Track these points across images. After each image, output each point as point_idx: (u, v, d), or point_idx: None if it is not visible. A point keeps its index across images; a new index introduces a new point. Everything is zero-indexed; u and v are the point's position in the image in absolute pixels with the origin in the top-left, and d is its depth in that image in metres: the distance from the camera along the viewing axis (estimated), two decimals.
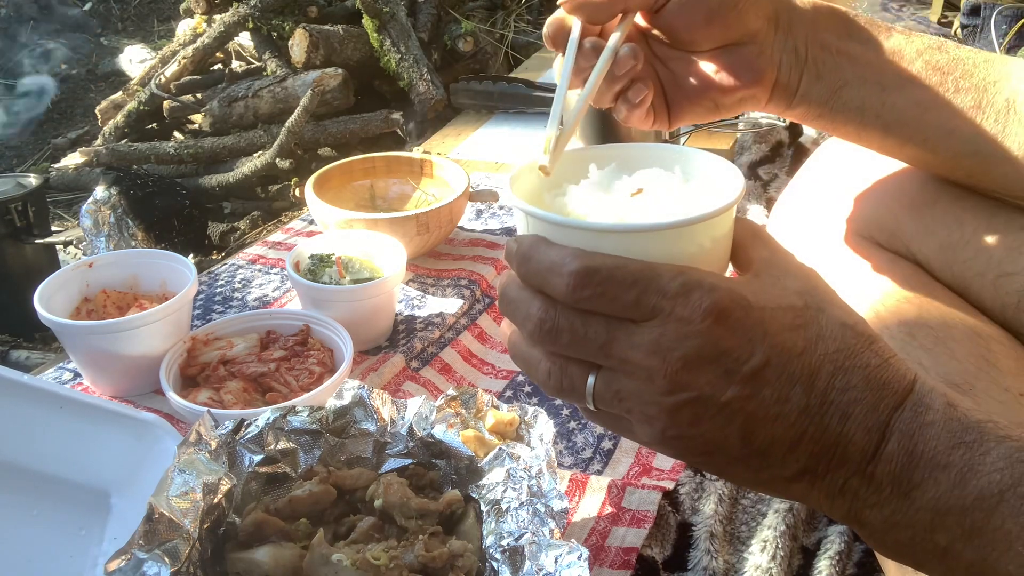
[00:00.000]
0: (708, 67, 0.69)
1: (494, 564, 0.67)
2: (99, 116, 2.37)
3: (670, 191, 0.55)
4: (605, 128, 1.35)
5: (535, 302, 0.51)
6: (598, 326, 0.49)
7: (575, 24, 0.65)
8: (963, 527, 0.45)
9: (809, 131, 1.50)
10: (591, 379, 0.51)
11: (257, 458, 0.75)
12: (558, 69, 0.65)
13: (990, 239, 0.73)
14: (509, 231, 1.36)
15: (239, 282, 1.25)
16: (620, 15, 0.66)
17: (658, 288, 0.48)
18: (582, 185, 0.57)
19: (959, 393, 0.65)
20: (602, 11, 0.65)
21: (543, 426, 0.78)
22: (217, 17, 2.25)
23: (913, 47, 0.71)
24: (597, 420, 0.55)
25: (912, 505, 0.47)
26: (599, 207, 0.55)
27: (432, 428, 0.78)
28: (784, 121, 1.44)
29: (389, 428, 0.79)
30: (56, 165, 2.54)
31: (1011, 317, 0.72)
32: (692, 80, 0.70)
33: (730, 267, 0.56)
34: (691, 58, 0.70)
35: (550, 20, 0.66)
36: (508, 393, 1.04)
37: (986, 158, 0.70)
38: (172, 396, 0.90)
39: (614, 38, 0.64)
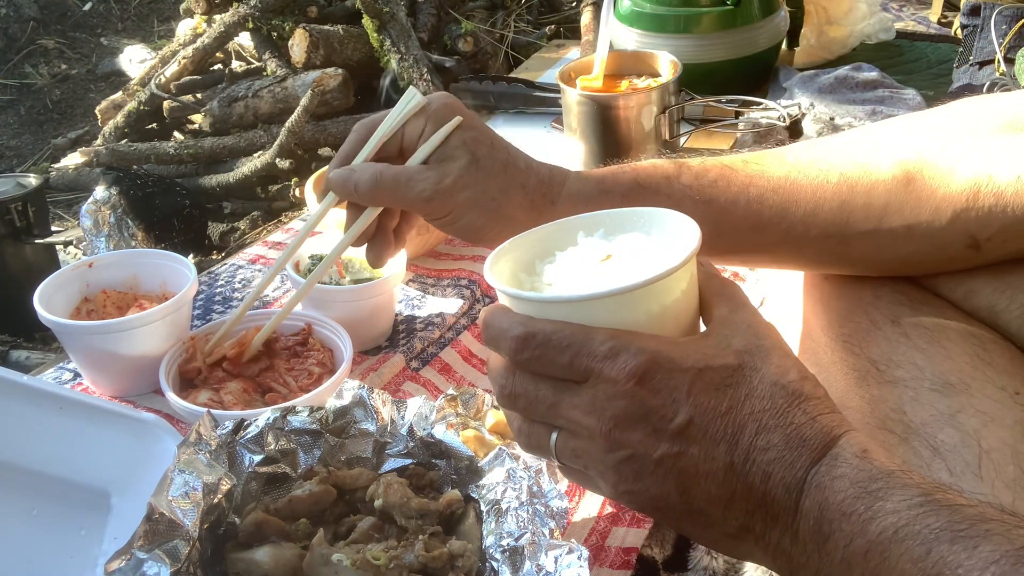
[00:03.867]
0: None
1: (494, 564, 0.67)
2: (99, 116, 2.37)
3: (637, 257, 0.58)
4: (604, 129, 1.35)
5: (500, 370, 0.56)
6: (547, 389, 0.53)
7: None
8: (867, 572, 0.46)
9: (809, 132, 1.50)
10: (553, 437, 0.54)
11: (257, 458, 0.75)
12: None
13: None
14: None
15: (239, 282, 1.25)
16: None
17: (589, 351, 0.51)
18: (567, 252, 0.61)
19: (952, 393, 0.65)
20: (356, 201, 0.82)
21: None
22: (217, 17, 2.25)
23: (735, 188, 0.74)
24: (568, 476, 0.60)
25: (828, 558, 0.47)
26: (570, 273, 0.59)
27: (432, 428, 0.78)
28: (784, 121, 1.44)
29: (389, 428, 0.79)
30: (56, 165, 2.54)
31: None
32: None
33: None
34: None
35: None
36: None
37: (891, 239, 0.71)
38: (171, 397, 0.90)
39: (366, 215, 0.82)
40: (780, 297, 0.94)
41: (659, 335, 0.53)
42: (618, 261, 0.58)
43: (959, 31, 1.76)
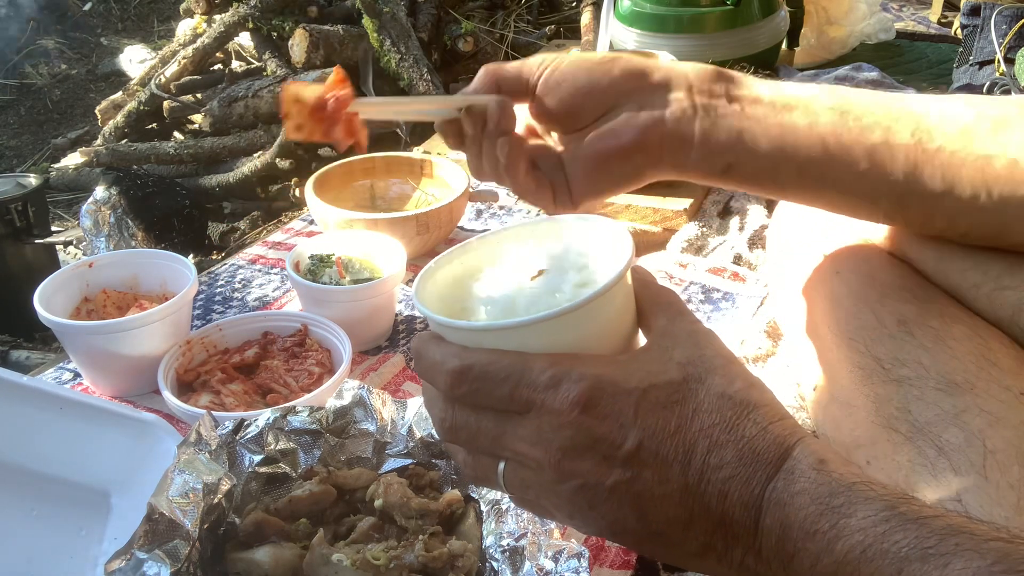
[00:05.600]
0: (594, 141, 0.70)
1: (494, 564, 0.67)
2: (99, 116, 2.37)
3: (569, 272, 0.55)
4: None
5: (438, 403, 0.53)
6: (489, 420, 0.51)
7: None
8: None
9: None
10: (501, 468, 0.53)
11: (257, 458, 0.75)
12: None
13: (989, 252, 0.72)
14: None
15: (239, 282, 1.25)
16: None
17: (529, 382, 0.49)
18: (496, 268, 0.59)
19: (957, 392, 0.65)
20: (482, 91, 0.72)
21: None
22: (217, 17, 2.25)
23: (809, 91, 0.70)
24: (520, 505, 0.58)
25: None
26: (501, 292, 0.55)
27: (432, 428, 0.78)
28: None
29: (389, 428, 0.79)
30: (56, 165, 2.55)
31: (1005, 329, 0.71)
32: (584, 156, 0.70)
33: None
34: (580, 136, 0.71)
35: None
36: None
37: (900, 197, 0.69)
38: (169, 398, 0.89)
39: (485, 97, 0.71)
40: (782, 295, 0.94)
41: (599, 356, 0.52)
42: (550, 277, 0.55)
43: (959, 31, 1.76)
